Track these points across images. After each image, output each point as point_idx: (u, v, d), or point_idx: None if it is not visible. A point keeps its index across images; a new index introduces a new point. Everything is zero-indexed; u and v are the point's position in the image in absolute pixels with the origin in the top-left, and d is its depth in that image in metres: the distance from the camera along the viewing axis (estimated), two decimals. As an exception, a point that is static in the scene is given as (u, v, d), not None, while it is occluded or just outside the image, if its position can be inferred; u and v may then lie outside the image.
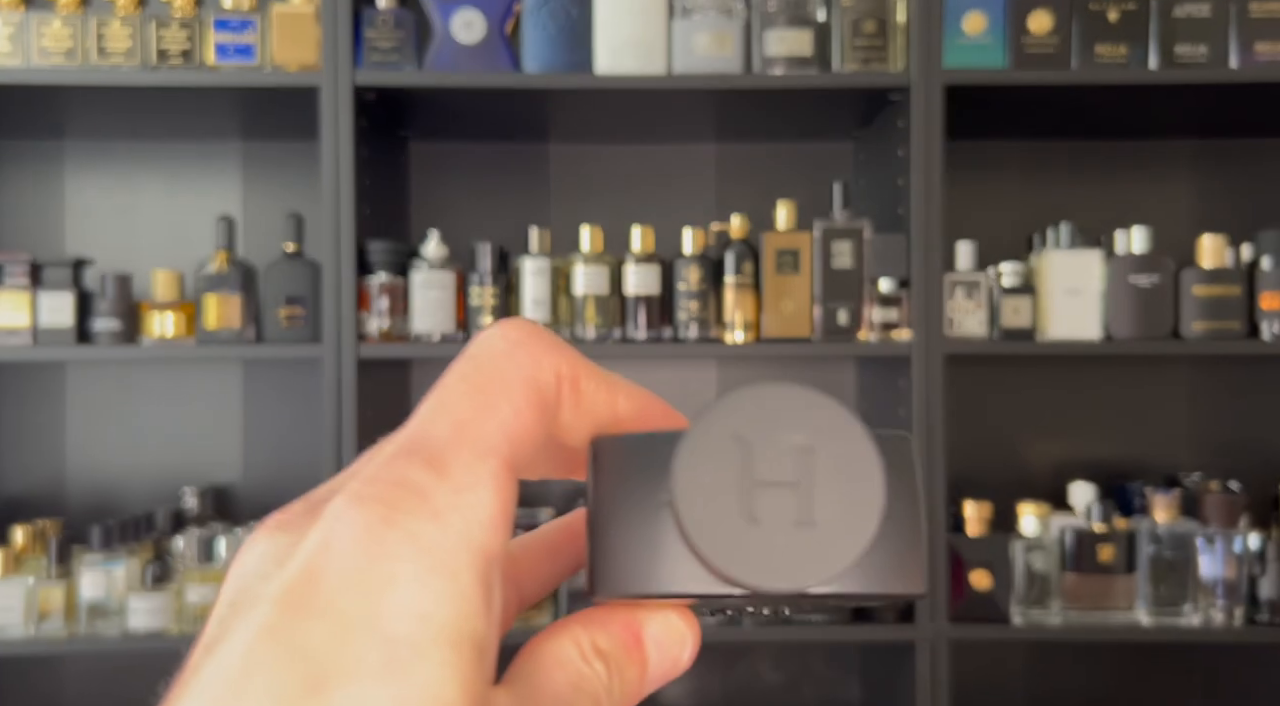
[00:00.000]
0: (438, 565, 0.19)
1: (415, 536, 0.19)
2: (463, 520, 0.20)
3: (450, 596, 0.19)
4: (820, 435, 0.22)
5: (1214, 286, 1.62)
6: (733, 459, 0.21)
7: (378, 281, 1.61)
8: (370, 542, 0.19)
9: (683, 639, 0.25)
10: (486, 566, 0.20)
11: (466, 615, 0.19)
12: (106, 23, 1.60)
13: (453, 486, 0.20)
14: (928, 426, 1.57)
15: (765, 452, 0.21)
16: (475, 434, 0.21)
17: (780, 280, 1.62)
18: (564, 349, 0.24)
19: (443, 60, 1.60)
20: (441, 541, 0.20)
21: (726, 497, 0.21)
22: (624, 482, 0.23)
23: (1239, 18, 1.60)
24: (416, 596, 0.19)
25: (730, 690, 1.90)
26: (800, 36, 1.59)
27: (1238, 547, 1.60)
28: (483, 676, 0.20)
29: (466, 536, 0.20)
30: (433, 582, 0.19)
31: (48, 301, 1.63)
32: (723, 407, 0.22)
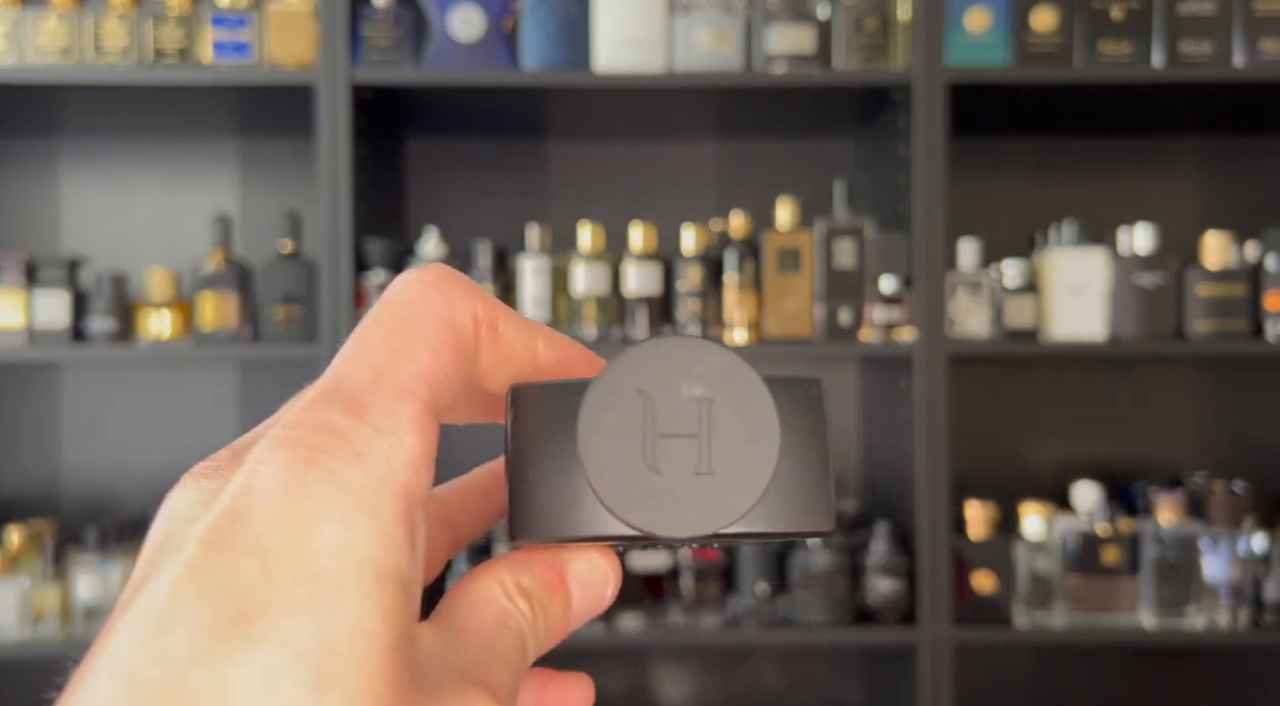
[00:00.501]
0: (360, 503, 0.20)
1: (337, 476, 0.20)
2: (384, 461, 0.20)
3: (373, 533, 0.20)
4: (719, 386, 0.23)
5: (1219, 286, 1.61)
6: (635, 410, 0.22)
7: (375, 280, 1.59)
8: (293, 483, 0.20)
9: (605, 577, 0.25)
10: (409, 505, 0.21)
11: (389, 550, 0.20)
12: (103, 20, 1.59)
13: (373, 429, 0.21)
14: (930, 427, 1.55)
15: (666, 404, 0.22)
16: (393, 377, 0.22)
17: (781, 279, 1.61)
18: (480, 292, 0.24)
19: (441, 58, 1.59)
20: (363, 481, 0.20)
21: (629, 448, 0.22)
22: (540, 430, 0.24)
23: (1243, 15, 1.59)
24: (339, 533, 0.19)
25: (732, 693, 1.89)
26: (802, 33, 1.58)
27: (1242, 549, 1.59)
28: (407, 611, 0.20)
29: (388, 476, 0.20)
30: (355, 520, 0.20)
31: (43, 300, 1.62)
32: (626, 360, 0.22)
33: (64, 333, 1.61)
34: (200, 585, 0.19)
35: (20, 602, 1.56)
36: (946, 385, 1.56)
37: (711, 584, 1.63)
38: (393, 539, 0.20)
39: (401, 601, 0.20)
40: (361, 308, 1.60)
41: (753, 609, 1.61)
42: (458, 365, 0.23)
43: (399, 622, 0.20)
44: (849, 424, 1.90)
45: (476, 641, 0.23)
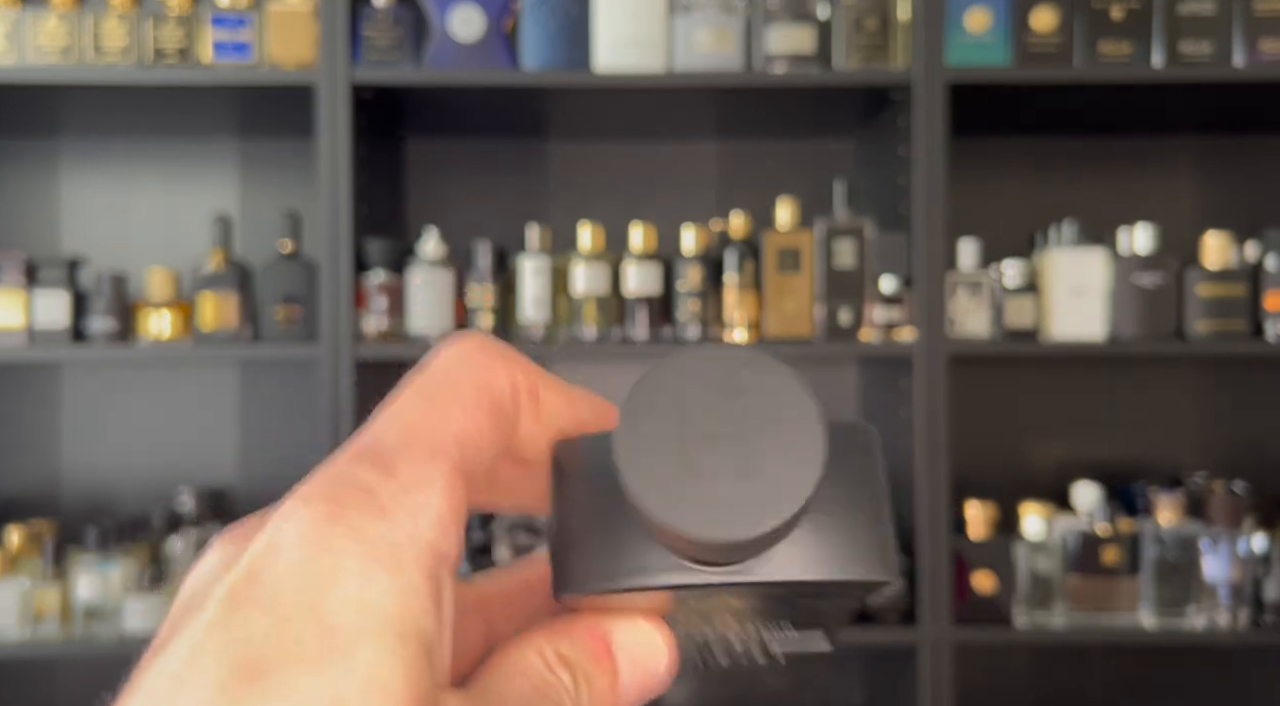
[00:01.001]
0: (384, 558, 0.19)
1: (361, 531, 0.19)
2: (410, 518, 0.20)
3: (396, 589, 0.19)
4: (760, 392, 0.22)
5: (1219, 286, 1.61)
6: (674, 416, 0.21)
7: (375, 281, 1.59)
8: (315, 538, 0.19)
9: (654, 646, 0.24)
10: (435, 564, 0.20)
11: (413, 609, 0.19)
12: (102, 20, 1.59)
13: (401, 485, 0.20)
14: (930, 427, 1.55)
15: (704, 410, 0.22)
16: (425, 436, 0.21)
17: (781, 279, 1.61)
18: (520, 359, 0.23)
19: (441, 58, 1.59)
20: (388, 536, 0.19)
21: (667, 450, 0.21)
22: (583, 481, 0.23)
23: (1243, 15, 1.59)
24: (361, 588, 0.19)
25: (732, 694, 1.89)
26: (802, 33, 1.58)
27: (1242, 549, 1.59)
28: (430, 674, 0.19)
29: (414, 533, 0.20)
30: (378, 575, 0.19)
31: (43, 300, 1.62)
32: (664, 367, 0.22)
33: (64, 333, 1.61)
34: (217, 642, 0.18)
35: (20, 603, 1.56)
36: (946, 385, 1.56)
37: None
38: (417, 597, 0.19)
39: (424, 662, 0.19)
40: (362, 308, 1.60)
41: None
42: (494, 429, 0.22)
43: (421, 686, 0.19)
44: (849, 424, 1.90)
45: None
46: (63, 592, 1.58)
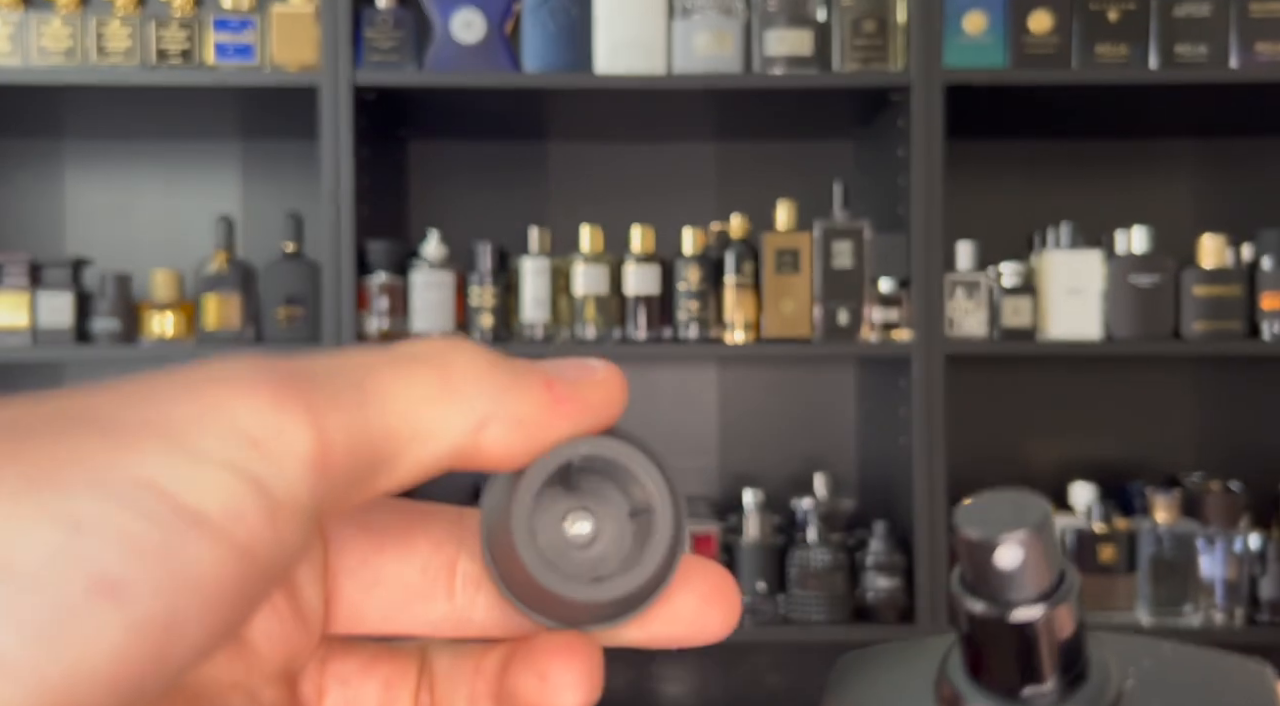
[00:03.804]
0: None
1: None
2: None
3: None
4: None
5: (1214, 286, 1.62)
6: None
7: (377, 281, 1.60)
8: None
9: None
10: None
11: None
12: (106, 22, 1.60)
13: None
14: (928, 426, 1.56)
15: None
16: None
17: (780, 280, 1.62)
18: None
19: (442, 60, 1.60)
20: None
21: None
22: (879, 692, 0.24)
23: (1239, 17, 1.60)
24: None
25: (731, 692, 1.90)
26: (800, 36, 1.59)
27: (1238, 548, 1.60)
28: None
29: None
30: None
31: (47, 301, 1.62)
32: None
33: (68, 333, 1.62)
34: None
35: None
36: (944, 385, 1.57)
37: (711, 582, 1.64)
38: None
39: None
40: (364, 309, 1.61)
41: (752, 607, 1.62)
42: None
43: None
44: (848, 423, 1.91)
45: None
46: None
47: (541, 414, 0.21)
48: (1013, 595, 0.21)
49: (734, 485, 1.83)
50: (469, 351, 0.21)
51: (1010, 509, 0.21)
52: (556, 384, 0.21)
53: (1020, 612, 0.21)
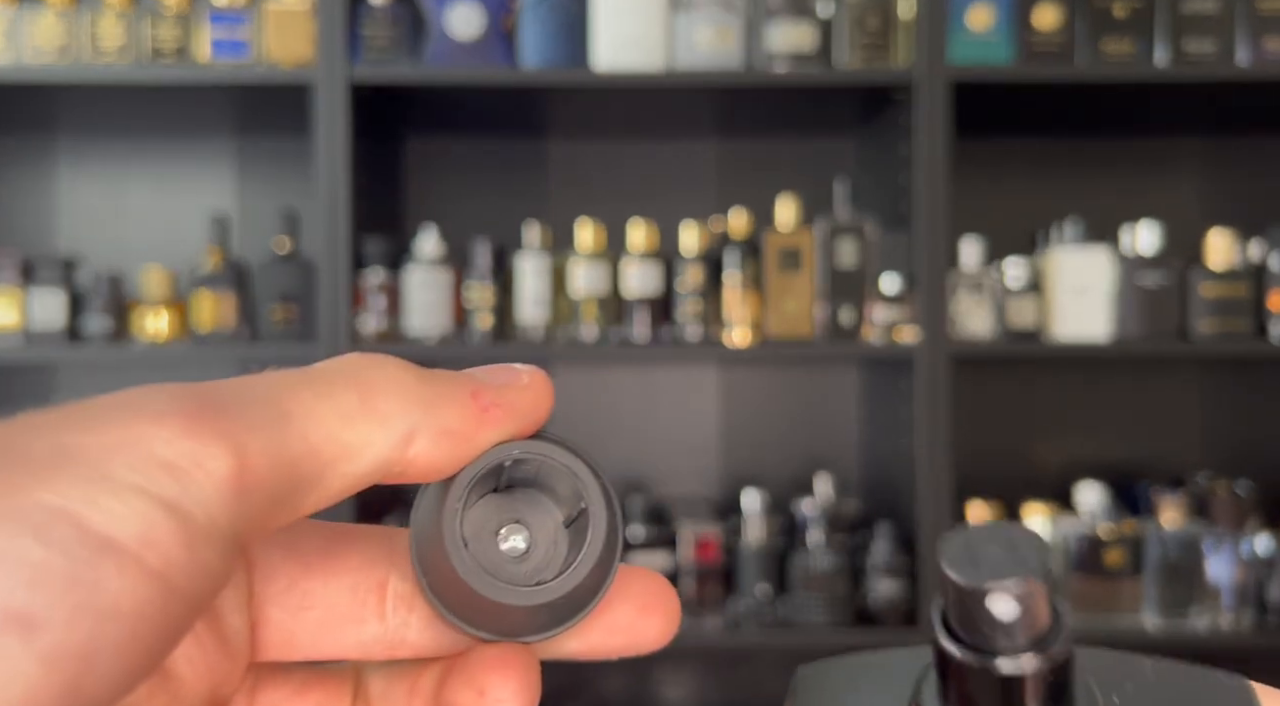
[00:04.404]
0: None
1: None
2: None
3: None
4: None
5: (1222, 286, 1.60)
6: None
7: (373, 280, 1.58)
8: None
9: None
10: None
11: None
12: (100, 19, 1.58)
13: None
14: (932, 427, 1.55)
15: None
16: None
17: (782, 279, 1.60)
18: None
19: (439, 56, 1.58)
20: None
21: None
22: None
23: (1247, 13, 1.58)
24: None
25: (732, 695, 1.88)
26: (803, 31, 1.57)
27: (1245, 550, 1.58)
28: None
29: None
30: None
31: (39, 300, 1.61)
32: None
33: (60, 332, 1.61)
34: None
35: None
36: (948, 385, 1.55)
37: (712, 586, 1.62)
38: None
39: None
40: (359, 307, 1.59)
41: (754, 610, 1.60)
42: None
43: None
44: (851, 424, 1.90)
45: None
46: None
47: (468, 423, 0.21)
48: (1002, 644, 0.19)
49: (735, 486, 1.81)
50: (391, 365, 0.21)
51: (1003, 549, 0.19)
52: (482, 392, 0.21)
53: (1010, 664, 0.19)
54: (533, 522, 0.22)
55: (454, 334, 1.61)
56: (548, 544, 0.22)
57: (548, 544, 0.22)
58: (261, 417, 0.19)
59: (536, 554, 0.22)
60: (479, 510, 0.22)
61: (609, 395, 1.90)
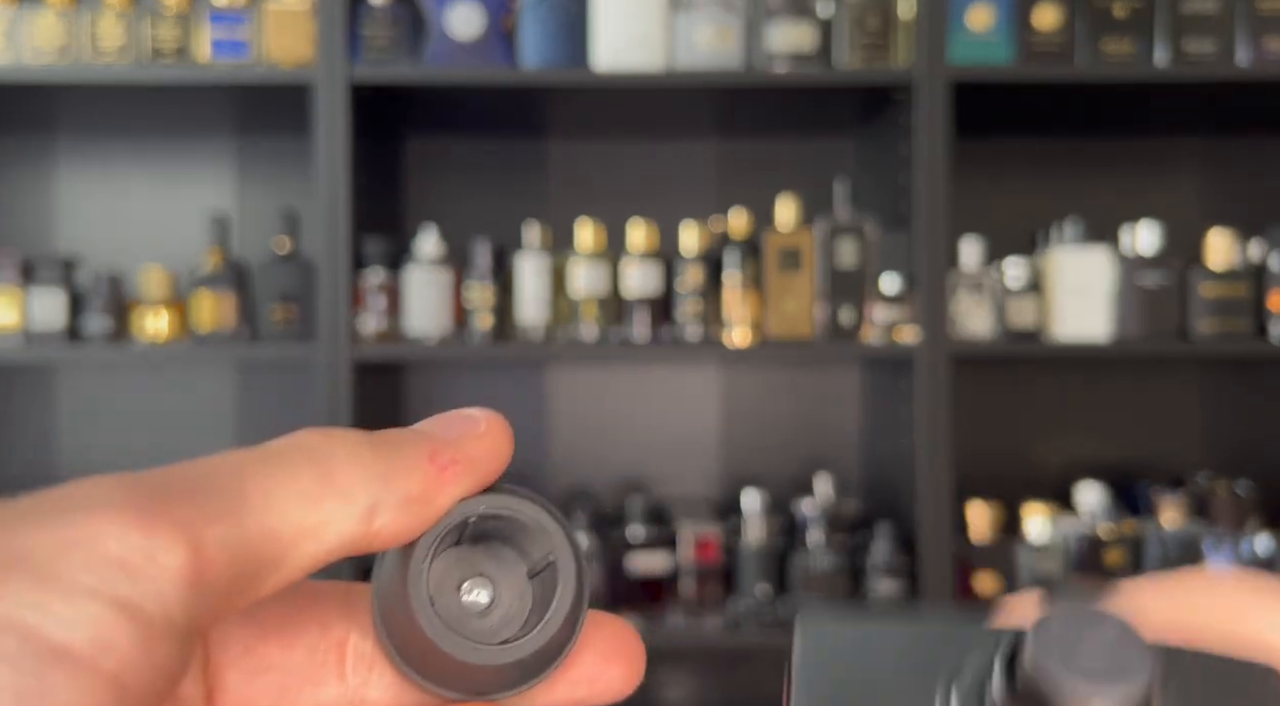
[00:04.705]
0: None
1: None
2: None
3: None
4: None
5: (1222, 286, 1.60)
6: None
7: (373, 280, 1.58)
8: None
9: None
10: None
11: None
12: (99, 18, 1.58)
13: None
14: (932, 427, 1.54)
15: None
16: None
17: (782, 279, 1.60)
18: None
19: (439, 56, 1.58)
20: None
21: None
22: (852, 687, 0.21)
23: (1247, 13, 1.58)
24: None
25: (732, 696, 1.88)
26: (803, 31, 1.57)
27: (1246, 550, 1.58)
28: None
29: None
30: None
31: (39, 300, 1.61)
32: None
33: (60, 332, 1.60)
34: None
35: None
36: (948, 385, 1.55)
37: (712, 586, 1.62)
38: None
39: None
40: (359, 307, 1.59)
41: (754, 610, 1.60)
42: None
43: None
44: (851, 424, 1.90)
45: None
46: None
47: (429, 486, 0.21)
48: None
49: (735, 486, 1.81)
50: (346, 439, 0.21)
51: (1105, 646, 0.18)
52: (439, 451, 0.21)
53: None
54: (496, 576, 0.22)
55: (454, 334, 1.61)
56: (512, 597, 0.22)
57: (512, 597, 0.22)
58: (217, 505, 0.18)
59: (500, 607, 0.22)
60: (441, 564, 0.21)
61: (609, 395, 1.90)
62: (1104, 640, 0.18)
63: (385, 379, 1.77)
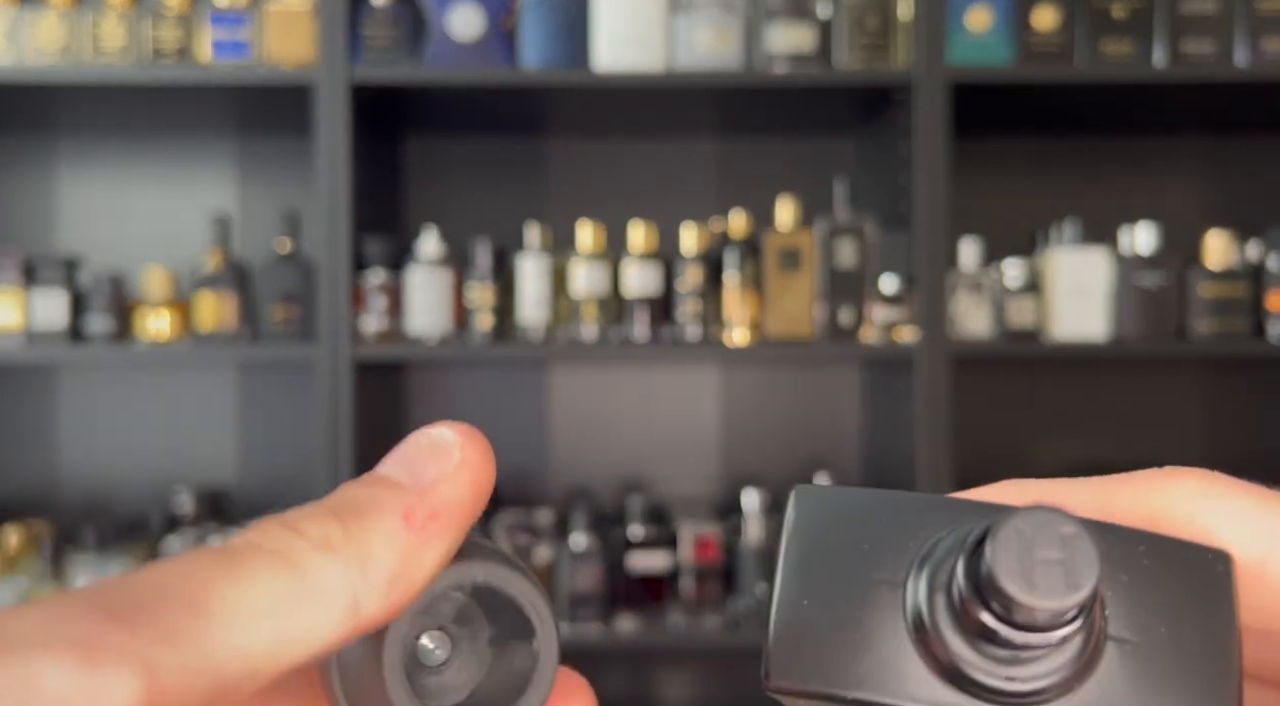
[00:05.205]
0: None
1: None
2: None
3: None
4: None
5: (1220, 286, 1.61)
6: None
7: (374, 280, 1.59)
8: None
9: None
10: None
11: None
12: (101, 19, 1.59)
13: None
14: (931, 427, 1.55)
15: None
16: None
17: (782, 279, 1.60)
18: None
19: (440, 56, 1.58)
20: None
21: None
22: (833, 553, 0.21)
23: (1245, 14, 1.58)
24: None
25: (733, 696, 1.88)
26: (802, 32, 1.57)
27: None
28: None
29: None
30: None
31: (41, 300, 1.61)
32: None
33: (62, 332, 1.61)
34: None
35: (18, 602, 1.56)
36: (948, 385, 1.55)
37: (712, 585, 1.63)
38: None
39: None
40: (360, 307, 1.59)
41: (754, 610, 1.60)
42: None
43: None
44: (850, 424, 1.90)
45: None
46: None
47: (409, 559, 0.19)
48: (1046, 626, 0.19)
49: (735, 486, 1.81)
50: (310, 525, 0.19)
51: (1058, 554, 0.18)
52: (414, 510, 0.19)
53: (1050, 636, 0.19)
54: (464, 645, 0.21)
55: (454, 334, 1.61)
56: (468, 662, 0.21)
57: (468, 662, 0.21)
58: (175, 622, 0.17)
59: (466, 673, 0.21)
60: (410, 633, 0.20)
61: (609, 395, 1.90)
62: (1057, 547, 0.18)
63: (386, 379, 1.77)
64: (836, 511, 0.21)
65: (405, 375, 1.89)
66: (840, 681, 0.20)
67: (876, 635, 0.20)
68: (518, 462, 1.87)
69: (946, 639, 0.19)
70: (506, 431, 1.88)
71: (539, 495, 1.86)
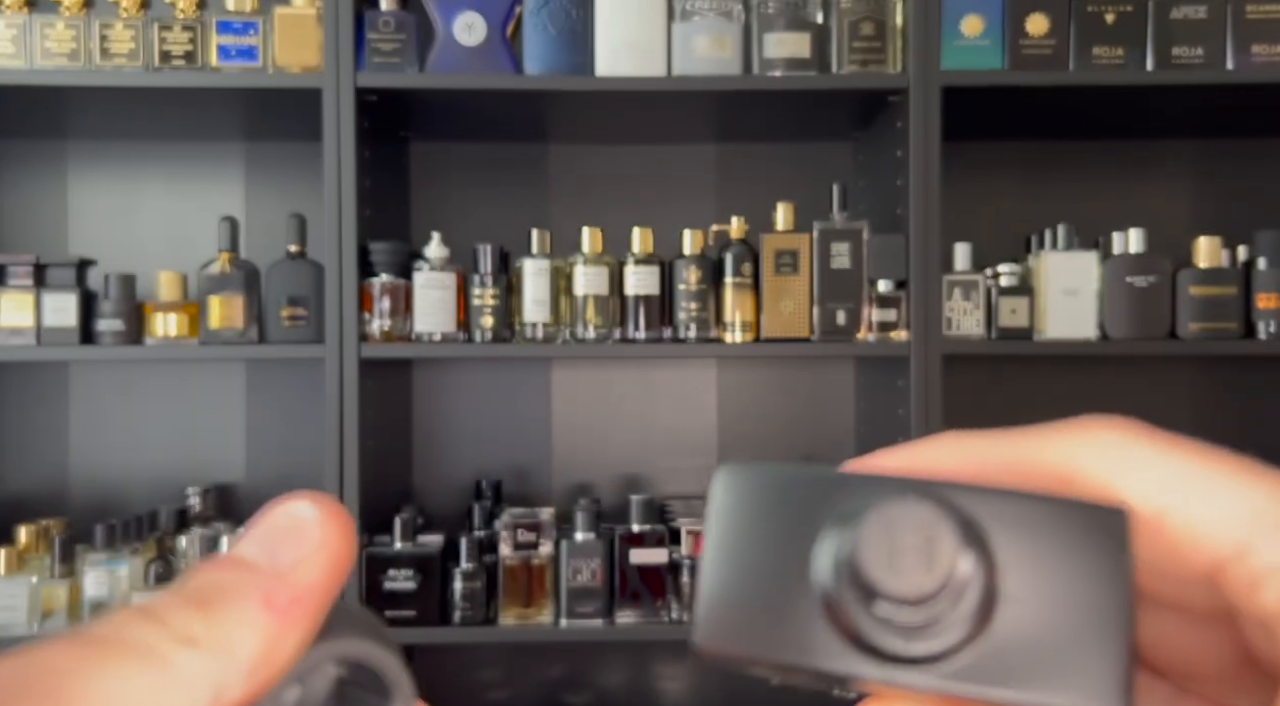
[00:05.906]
0: None
1: None
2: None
3: None
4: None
5: (1210, 287, 1.63)
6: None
7: (379, 282, 1.62)
8: None
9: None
10: None
11: None
12: (110, 25, 1.61)
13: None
14: (926, 426, 1.58)
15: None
16: None
17: (779, 281, 1.63)
18: None
19: (444, 62, 1.61)
20: None
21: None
22: (759, 526, 0.22)
23: (1235, 19, 1.61)
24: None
25: (732, 690, 1.91)
26: (799, 39, 1.60)
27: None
28: None
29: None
30: None
31: (51, 302, 1.64)
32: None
33: (72, 333, 1.63)
34: None
35: (29, 600, 1.59)
36: (941, 385, 1.58)
37: (711, 580, 1.65)
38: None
39: None
40: (366, 310, 1.62)
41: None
42: None
43: None
44: (846, 423, 1.93)
45: None
46: (71, 590, 1.60)
47: (271, 643, 0.19)
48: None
49: (734, 484, 1.83)
50: (168, 615, 0.18)
51: (917, 545, 0.20)
52: (274, 592, 0.19)
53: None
54: (308, 679, 0.21)
55: (458, 334, 1.64)
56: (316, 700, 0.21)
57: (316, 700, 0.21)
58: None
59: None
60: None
61: (609, 394, 1.93)
62: (917, 531, 0.20)
63: (392, 381, 1.80)
64: (759, 488, 0.23)
65: (410, 377, 1.91)
66: (760, 647, 0.21)
67: (791, 604, 0.21)
68: (520, 461, 1.90)
69: (847, 609, 0.21)
70: (509, 430, 1.91)
71: (541, 492, 1.89)
